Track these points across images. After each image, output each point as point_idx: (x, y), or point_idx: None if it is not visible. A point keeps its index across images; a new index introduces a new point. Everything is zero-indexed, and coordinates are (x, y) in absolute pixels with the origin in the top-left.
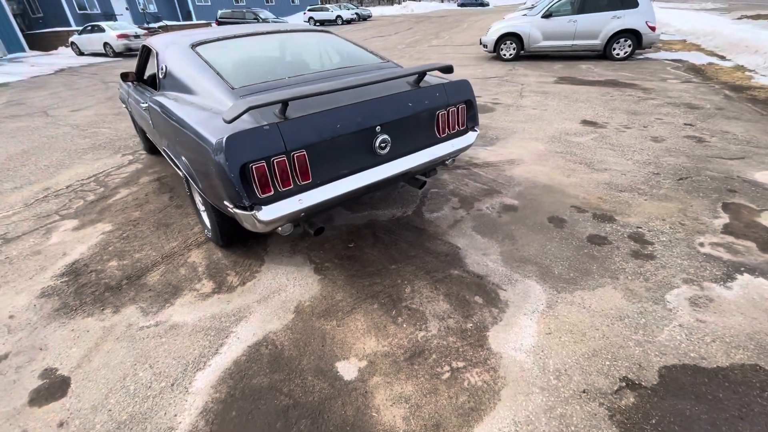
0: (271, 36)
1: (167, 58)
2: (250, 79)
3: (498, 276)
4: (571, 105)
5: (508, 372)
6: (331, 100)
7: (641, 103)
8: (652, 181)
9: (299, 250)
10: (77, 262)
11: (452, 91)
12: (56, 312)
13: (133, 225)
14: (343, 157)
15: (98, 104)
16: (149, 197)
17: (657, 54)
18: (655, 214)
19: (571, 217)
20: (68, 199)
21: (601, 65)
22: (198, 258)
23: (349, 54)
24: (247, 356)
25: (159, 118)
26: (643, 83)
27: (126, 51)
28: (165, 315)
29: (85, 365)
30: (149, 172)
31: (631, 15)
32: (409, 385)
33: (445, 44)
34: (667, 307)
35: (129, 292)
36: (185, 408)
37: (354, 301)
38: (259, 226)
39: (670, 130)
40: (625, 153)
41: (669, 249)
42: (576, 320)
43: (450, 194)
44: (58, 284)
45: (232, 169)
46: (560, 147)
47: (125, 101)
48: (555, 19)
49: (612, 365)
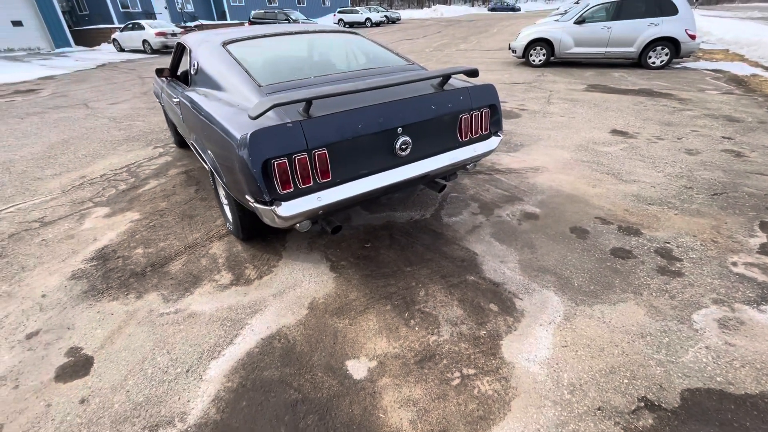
0: (299, 36)
1: (199, 55)
2: (277, 77)
3: (515, 284)
4: (601, 113)
5: (520, 383)
6: (354, 100)
7: (676, 114)
8: (684, 195)
9: (316, 248)
10: (106, 248)
11: (476, 95)
12: (84, 294)
13: (159, 215)
14: (363, 157)
15: (134, 98)
16: (176, 189)
17: (696, 63)
18: (685, 229)
19: (594, 229)
20: (102, 188)
21: (635, 74)
22: (219, 250)
23: (375, 55)
24: (260, 348)
25: (188, 112)
26: (680, 93)
27: (163, 48)
28: (184, 303)
29: (107, 346)
30: (178, 165)
31: (669, 22)
32: (417, 389)
33: (473, 48)
34: (694, 327)
35: (152, 279)
36: (198, 395)
37: (367, 301)
38: (278, 221)
39: (707, 143)
40: (656, 165)
41: (699, 267)
42: (594, 334)
43: (470, 199)
44: (88, 268)
45: (255, 165)
46: (587, 156)
47: (159, 96)
48: (588, 25)
49: (630, 384)
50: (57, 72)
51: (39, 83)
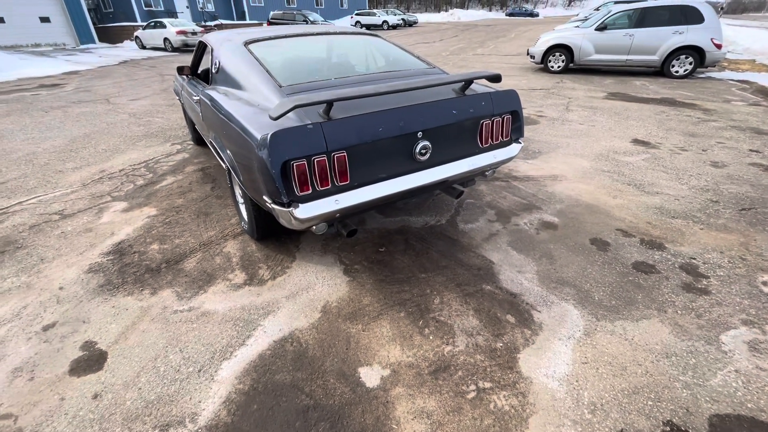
0: (320, 37)
1: (221, 54)
2: (298, 78)
3: (533, 296)
4: (622, 122)
5: (537, 399)
6: (375, 103)
7: (701, 125)
8: (710, 209)
9: (330, 250)
10: (123, 243)
11: (498, 100)
12: (100, 288)
13: (175, 211)
14: (382, 161)
15: (154, 95)
16: (193, 186)
17: (721, 73)
18: (711, 245)
19: (615, 241)
20: (120, 182)
21: (657, 82)
22: (233, 249)
23: (396, 58)
24: (272, 351)
25: (208, 110)
26: (704, 104)
27: (183, 46)
28: (198, 301)
29: (121, 342)
30: (195, 162)
31: (694, 31)
32: (432, 401)
33: (490, 53)
34: (722, 349)
35: (167, 275)
36: (209, 396)
37: (381, 306)
38: (295, 223)
39: (733, 156)
40: (680, 177)
41: (727, 285)
42: (616, 352)
43: (486, 206)
44: (105, 262)
45: (274, 165)
46: (607, 166)
47: (179, 93)
48: (610, 32)
49: (655, 406)
50: (81, 67)
51: (63, 78)
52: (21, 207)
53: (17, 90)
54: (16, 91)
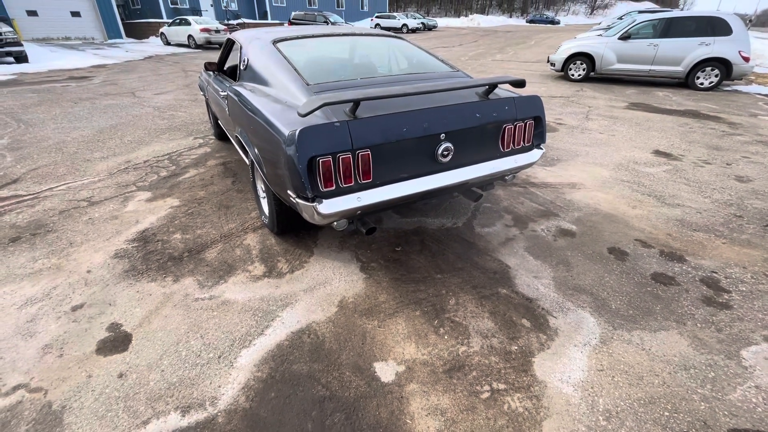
0: (346, 38)
1: (250, 51)
2: (325, 77)
3: (549, 301)
4: (643, 133)
5: (552, 403)
6: (399, 103)
7: (725, 139)
8: (733, 223)
9: (347, 247)
10: (147, 231)
11: (522, 105)
12: (126, 273)
13: (197, 203)
14: (404, 161)
15: (177, 90)
16: (214, 179)
17: (748, 87)
18: (734, 260)
19: (634, 251)
20: (145, 173)
21: (680, 94)
22: (253, 241)
23: (420, 60)
24: (290, 342)
25: (235, 106)
26: (729, 117)
27: (206, 44)
28: (218, 290)
29: (145, 325)
30: (216, 156)
31: (722, 43)
32: (446, 398)
33: (509, 59)
34: (743, 364)
35: (189, 264)
36: (229, 381)
37: (397, 304)
38: (317, 218)
39: (759, 171)
40: (703, 190)
41: (749, 300)
42: (633, 361)
43: (503, 211)
44: (130, 248)
45: (301, 161)
46: (627, 176)
47: (204, 89)
48: (633, 42)
49: (672, 417)
50: (108, 61)
51: (92, 71)
52: (51, 193)
53: (48, 81)
54: (47, 81)
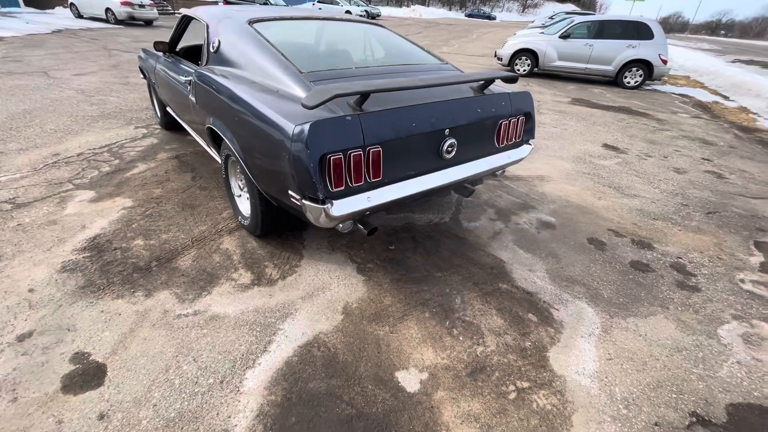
0: (326, 23)
1: (221, 32)
2: (317, 64)
3: (548, 294)
4: (590, 127)
5: (575, 397)
6: (402, 97)
7: (657, 134)
8: (683, 212)
9: (338, 248)
10: (99, 237)
11: (516, 101)
12: (81, 290)
13: (155, 203)
14: (411, 158)
15: (102, 71)
16: (170, 175)
17: (664, 87)
18: (692, 245)
19: (610, 241)
20: (81, 168)
21: (612, 91)
22: (231, 245)
23: (407, 51)
24: (299, 357)
25: (207, 94)
26: (656, 114)
27: (128, 19)
28: (203, 304)
29: (121, 352)
30: (166, 149)
31: (645, 46)
32: (476, 403)
33: (456, 52)
34: (722, 342)
35: (160, 275)
36: (239, 409)
37: (404, 307)
38: (325, 220)
39: (690, 163)
40: (651, 181)
41: (712, 282)
42: (634, 348)
43: (485, 204)
44: (80, 259)
45: (312, 159)
46: (586, 168)
47: (148, 71)
48: (572, 41)
49: (679, 398)
50: (5, 33)
51: None
52: None
53: None
54: None
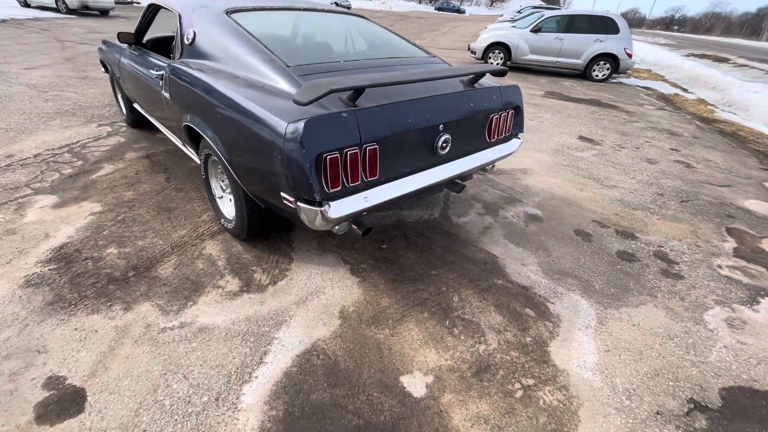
0: (308, 14)
1: (196, 22)
2: (303, 57)
3: (542, 288)
4: (565, 120)
5: (579, 391)
6: (394, 92)
7: (628, 125)
8: (659, 201)
9: (328, 249)
10: (66, 247)
11: (506, 94)
12: (50, 306)
13: (128, 207)
14: (407, 155)
15: (56, 64)
16: (141, 176)
17: (628, 80)
18: (671, 234)
19: (595, 232)
20: (40, 171)
21: (582, 84)
22: (214, 250)
23: (394, 44)
24: (299, 367)
25: (183, 89)
26: (624, 106)
27: (81, 8)
28: (189, 315)
29: (101, 374)
30: (135, 148)
31: (612, 40)
32: (484, 404)
33: (429, 46)
34: (708, 327)
35: (139, 285)
36: (239, 428)
37: (402, 308)
38: (321, 223)
39: (660, 154)
40: (627, 172)
41: (693, 269)
42: (629, 338)
43: (472, 199)
44: (46, 272)
45: (308, 158)
46: (565, 160)
47: (111, 64)
48: (543, 35)
49: (676, 386)
50: None
51: None
52: None
53: None
54: None
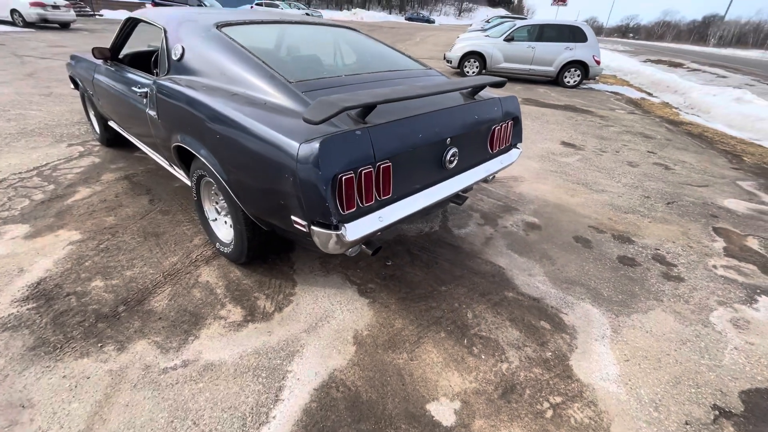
0: (299, 27)
1: (185, 37)
2: (302, 73)
3: (553, 299)
4: (545, 126)
5: (607, 406)
6: (400, 107)
7: (604, 129)
8: (647, 204)
9: (332, 269)
10: (44, 282)
11: (505, 105)
12: (32, 352)
13: (110, 234)
14: (417, 170)
15: (16, 81)
16: (121, 199)
17: (598, 85)
18: (664, 236)
19: (594, 238)
20: (7, 197)
21: (555, 91)
22: (211, 277)
23: (390, 57)
24: (318, 402)
25: (174, 108)
26: (597, 111)
27: (40, 22)
28: (192, 351)
29: (98, 427)
30: (112, 168)
31: (581, 48)
32: (516, 428)
33: None
34: (716, 329)
35: (132, 321)
36: None
37: (417, 329)
38: (335, 247)
39: (639, 157)
40: (613, 176)
41: (691, 271)
42: (645, 345)
43: (470, 210)
44: (24, 312)
45: (324, 181)
46: (552, 166)
47: (83, 81)
48: (516, 44)
49: (698, 393)
50: None
51: None
52: None
53: None
54: None
